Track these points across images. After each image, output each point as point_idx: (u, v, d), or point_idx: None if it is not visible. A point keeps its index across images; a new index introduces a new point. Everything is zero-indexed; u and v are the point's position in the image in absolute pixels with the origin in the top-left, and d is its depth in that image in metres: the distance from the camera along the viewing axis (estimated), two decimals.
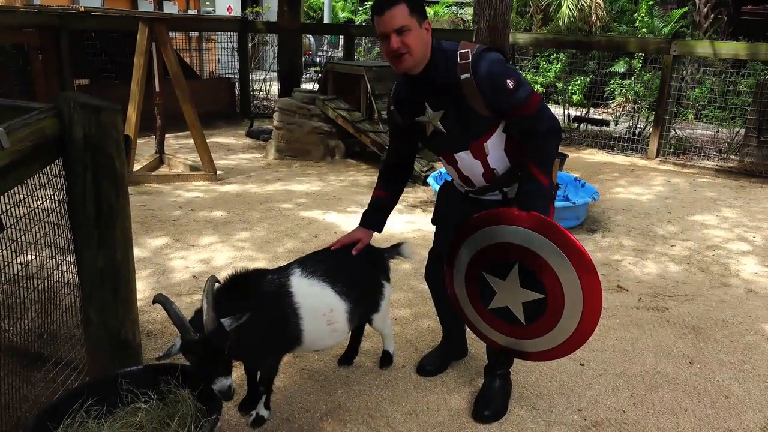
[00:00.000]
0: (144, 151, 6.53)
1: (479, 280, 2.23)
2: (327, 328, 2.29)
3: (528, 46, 9.17)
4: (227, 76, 10.33)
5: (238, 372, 2.55)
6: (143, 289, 3.38)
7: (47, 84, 7.21)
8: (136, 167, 5.73)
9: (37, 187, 2.20)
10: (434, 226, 2.54)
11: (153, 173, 5.76)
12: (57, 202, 2.29)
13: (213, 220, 4.52)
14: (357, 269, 2.39)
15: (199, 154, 5.70)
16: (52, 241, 2.34)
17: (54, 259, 2.34)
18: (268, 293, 2.21)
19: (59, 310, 2.44)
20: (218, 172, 5.79)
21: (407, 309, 3.24)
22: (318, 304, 2.24)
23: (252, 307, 2.08)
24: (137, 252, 3.86)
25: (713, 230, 4.75)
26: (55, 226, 2.32)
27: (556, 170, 3.79)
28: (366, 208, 2.47)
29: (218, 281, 2.08)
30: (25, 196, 2.06)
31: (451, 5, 18.77)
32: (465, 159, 2.21)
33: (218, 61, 11.56)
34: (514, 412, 2.40)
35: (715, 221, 4.96)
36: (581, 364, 2.77)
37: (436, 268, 2.47)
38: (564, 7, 12.15)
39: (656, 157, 7.19)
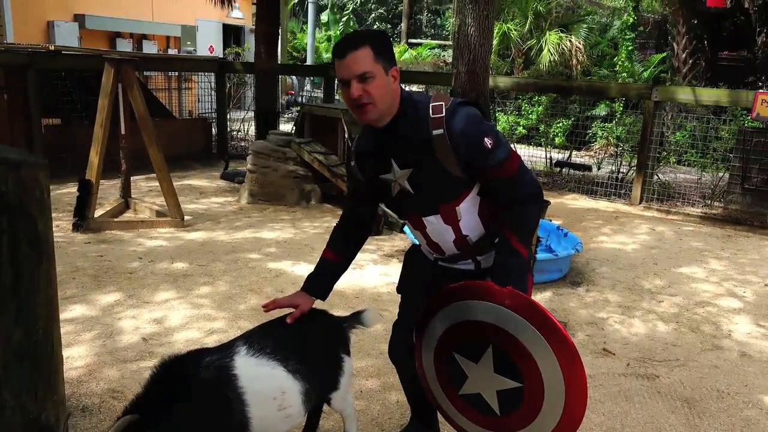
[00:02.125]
0: (110, 194, 6.24)
1: (450, 361, 1.96)
2: (279, 413, 2.00)
3: (509, 89, 9.10)
4: (205, 115, 10.16)
5: None
6: (86, 354, 3.07)
7: (12, 124, 6.95)
8: (99, 212, 5.43)
9: None
10: (399, 295, 2.28)
11: (116, 219, 5.47)
12: None
13: (172, 273, 4.22)
14: (312, 343, 2.11)
15: (165, 199, 5.43)
16: None
17: None
18: (206, 380, 1.93)
19: None
20: (186, 218, 5.51)
21: (374, 379, 2.95)
22: (267, 387, 1.96)
23: (189, 399, 1.82)
24: (85, 310, 3.55)
25: (701, 284, 4.54)
26: None
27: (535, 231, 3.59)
28: (311, 271, 2.20)
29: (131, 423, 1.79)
30: None
31: (434, 47, 18.96)
32: (434, 224, 1.97)
33: (198, 101, 11.41)
34: None
35: (703, 274, 4.76)
36: None
37: (401, 343, 2.20)
38: (545, 51, 12.22)
39: (640, 203, 7.04)
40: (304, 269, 4.35)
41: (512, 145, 8.85)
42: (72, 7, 11.78)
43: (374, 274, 4.40)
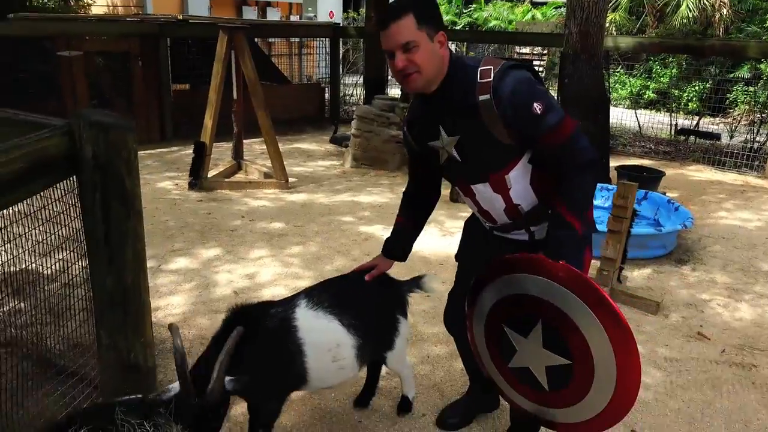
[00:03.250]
0: (225, 156, 6.67)
1: (500, 332, 1.93)
2: (333, 365, 2.10)
3: (631, 50, 8.45)
4: (321, 80, 10.45)
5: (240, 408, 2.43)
6: (183, 303, 3.36)
7: (146, 90, 7.59)
8: (213, 173, 5.84)
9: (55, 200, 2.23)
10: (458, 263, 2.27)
11: (227, 180, 5.85)
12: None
13: (269, 232, 4.47)
14: (369, 302, 2.18)
15: (271, 162, 5.71)
16: (78, 256, 2.35)
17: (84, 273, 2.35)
18: (270, 329, 2.07)
19: (85, 323, 2.45)
20: (291, 180, 5.77)
21: (443, 346, 2.97)
22: (323, 339, 2.06)
23: (254, 346, 1.96)
24: (188, 263, 3.88)
25: None
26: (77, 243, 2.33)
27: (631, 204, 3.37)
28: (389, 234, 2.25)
29: (239, 340, 1.91)
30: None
31: (560, 6, 17.94)
32: (483, 192, 1.92)
33: (317, 66, 11.74)
34: None
35: None
36: (632, 431, 2.37)
37: (456, 312, 2.19)
38: (683, 7, 11.16)
39: None
40: None
41: (635, 111, 8.29)
42: None
43: (444, 244, 4.36)
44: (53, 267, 2.32)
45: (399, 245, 2.23)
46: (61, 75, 6.74)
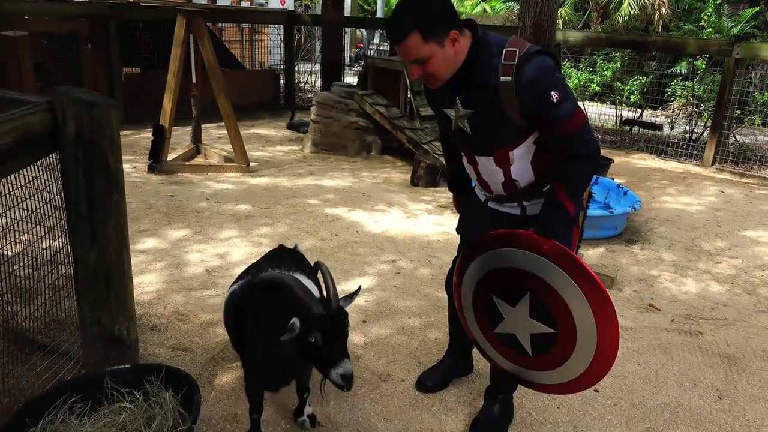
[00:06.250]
0: (183, 140, 6.59)
1: (488, 301, 2.05)
2: None
3: (580, 44, 8.78)
4: (274, 67, 10.38)
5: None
6: (156, 281, 3.37)
7: (95, 72, 7.38)
8: (172, 156, 5.77)
9: (33, 179, 2.21)
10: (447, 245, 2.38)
11: (187, 163, 5.79)
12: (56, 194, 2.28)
13: (236, 214, 4.48)
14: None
15: (232, 146, 5.69)
16: (60, 231, 2.34)
17: (65, 249, 2.34)
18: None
19: (63, 300, 2.44)
20: (251, 164, 5.77)
21: (417, 318, 3.09)
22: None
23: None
24: (156, 243, 3.87)
25: (766, 248, 4.39)
26: (57, 218, 2.32)
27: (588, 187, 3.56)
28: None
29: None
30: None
31: (507, 0, 18.34)
32: (486, 164, 2.00)
33: (269, 53, 11.62)
34: None
35: None
36: (596, 391, 2.56)
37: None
38: (625, 4, 11.63)
39: (712, 165, 6.76)
40: (359, 216, 4.52)
41: (582, 103, 8.63)
42: None
43: (427, 224, 4.51)
44: (31, 245, 2.30)
45: (459, 180, 2.33)
46: (6, 56, 6.48)
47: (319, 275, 1.89)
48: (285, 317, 1.73)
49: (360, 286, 2.03)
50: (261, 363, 2.00)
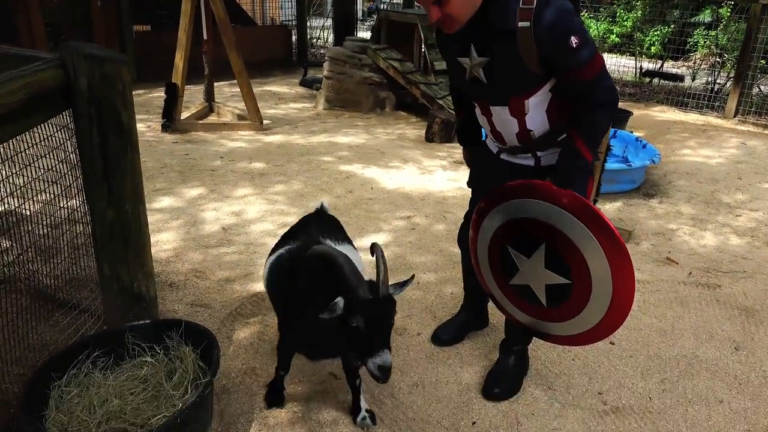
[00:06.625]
0: (196, 98, 6.55)
1: (503, 252, 2.04)
2: None
3: None
4: (286, 23, 10.22)
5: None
6: (173, 239, 3.40)
7: (107, 29, 7.32)
8: (185, 115, 5.75)
9: (48, 137, 2.22)
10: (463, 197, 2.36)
11: (200, 122, 5.78)
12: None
13: (251, 172, 4.48)
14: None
15: (245, 103, 5.65)
16: (76, 190, 2.35)
17: (82, 207, 2.36)
18: None
19: (82, 258, 2.48)
20: (265, 122, 5.74)
21: (432, 273, 3.10)
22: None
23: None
24: (172, 202, 3.89)
25: None
26: (73, 176, 2.33)
27: (606, 139, 3.49)
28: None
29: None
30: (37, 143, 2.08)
31: None
32: (501, 114, 1.96)
33: (280, 8, 11.42)
34: (528, 391, 2.26)
35: None
36: (611, 343, 2.57)
37: (467, 231, 2.29)
38: None
39: (734, 116, 6.60)
40: (373, 172, 4.50)
41: (603, 54, 8.37)
42: None
43: (442, 179, 4.48)
44: (49, 204, 2.32)
45: (468, 133, 2.31)
46: (16, 14, 6.43)
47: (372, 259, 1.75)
48: (330, 295, 1.66)
49: (413, 275, 1.95)
50: (298, 332, 1.98)
